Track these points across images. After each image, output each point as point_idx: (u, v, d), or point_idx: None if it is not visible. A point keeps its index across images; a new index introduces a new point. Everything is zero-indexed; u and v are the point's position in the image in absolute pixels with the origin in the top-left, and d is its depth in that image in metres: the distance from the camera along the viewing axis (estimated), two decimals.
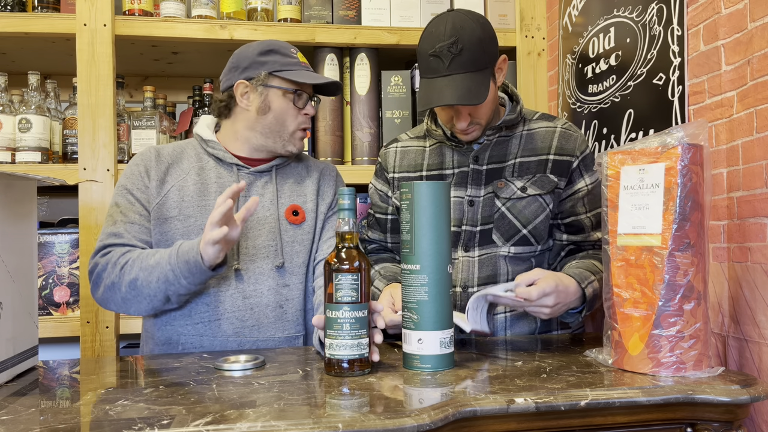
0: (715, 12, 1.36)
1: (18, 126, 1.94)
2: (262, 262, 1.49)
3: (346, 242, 1.18)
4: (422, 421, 0.92)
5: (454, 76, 1.41)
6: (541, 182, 1.52)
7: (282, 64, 1.50)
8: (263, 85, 1.49)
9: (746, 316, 1.29)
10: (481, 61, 1.42)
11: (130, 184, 1.50)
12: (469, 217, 1.53)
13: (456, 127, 1.50)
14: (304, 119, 1.53)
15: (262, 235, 1.50)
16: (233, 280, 1.46)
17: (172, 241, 1.44)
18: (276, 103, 1.50)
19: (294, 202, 1.56)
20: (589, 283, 1.41)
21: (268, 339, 1.46)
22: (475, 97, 1.40)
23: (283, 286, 1.49)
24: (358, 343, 1.14)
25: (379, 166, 1.69)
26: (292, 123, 1.52)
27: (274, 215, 1.52)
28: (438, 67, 1.42)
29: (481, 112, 1.48)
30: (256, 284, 1.47)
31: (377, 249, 1.71)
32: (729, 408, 1.07)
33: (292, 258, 1.51)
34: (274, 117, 1.51)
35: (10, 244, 1.18)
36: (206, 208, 1.48)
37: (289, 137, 1.53)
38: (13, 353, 1.18)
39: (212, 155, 1.54)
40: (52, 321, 1.91)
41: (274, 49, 1.51)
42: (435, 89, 1.42)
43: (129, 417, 0.93)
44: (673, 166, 1.15)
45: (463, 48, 1.40)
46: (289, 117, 1.51)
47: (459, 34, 1.40)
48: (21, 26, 1.90)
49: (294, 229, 1.53)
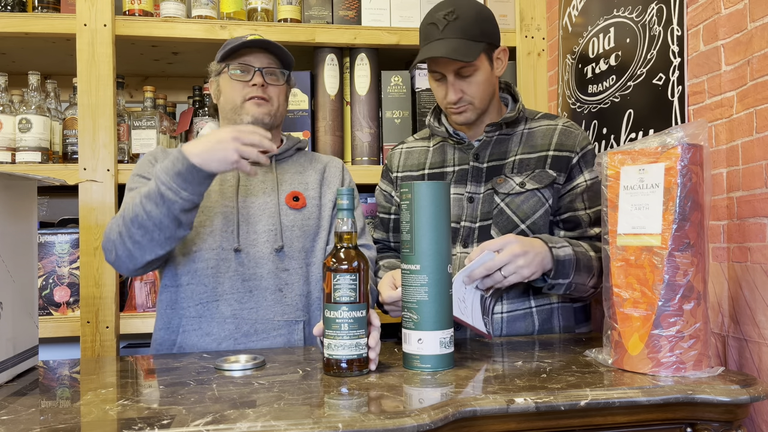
0: (715, 12, 1.36)
1: (18, 126, 1.94)
2: (262, 246, 1.51)
3: (344, 242, 1.18)
4: (422, 421, 0.92)
5: (446, 39, 1.45)
6: (539, 177, 1.52)
7: (224, 49, 1.54)
8: (216, 75, 1.58)
9: (746, 316, 1.29)
10: (475, 31, 1.46)
11: (141, 170, 1.54)
12: (468, 213, 1.54)
13: (447, 100, 1.51)
14: (251, 89, 1.53)
15: (263, 220, 1.52)
16: (233, 263, 1.49)
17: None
18: (223, 84, 1.56)
19: (295, 189, 1.58)
20: (560, 247, 1.39)
21: (267, 321, 1.48)
22: (462, 54, 1.43)
23: (282, 270, 1.51)
24: (356, 344, 1.14)
25: (385, 167, 1.73)
26: (239, 96, 1.53)
27: (275, 201, 1.55)
28: (432, 33, 1.47)
29: (473, 89, 1.50)
30: (256, 267, 1.49)
31: (381, 249, 1.72)
32: (729, 408, 1.07)
33: (291, 242, 1.52)
34: (224, 99, 1.56)
35: (10, 244, 1.18)
36: (207, 193, 1.50)
37: (240, 109, 1.53)
38: (13, 353, 1.18)
39: None
40: (52, 321, 1.91)
41: (227, 41, 1.57)
42: (426, 50, 1.47)
43: (129, 417, 0.93)
44: (672, 166, 1.15)
45: (458, 16, 1.45)
46: (235, 92, 1.53)
47: (456, 5, 1.47)
48: (21, 26, 1.90)
49: (294, 213, 1.55)
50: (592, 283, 1.45)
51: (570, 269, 1.39)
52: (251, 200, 1.54)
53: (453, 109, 1.53)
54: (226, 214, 1.52)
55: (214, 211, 1.52)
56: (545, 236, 1.42)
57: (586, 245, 1.46)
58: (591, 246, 1.48)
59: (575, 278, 1.41)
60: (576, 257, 1.40)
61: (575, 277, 1.41)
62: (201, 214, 1.50)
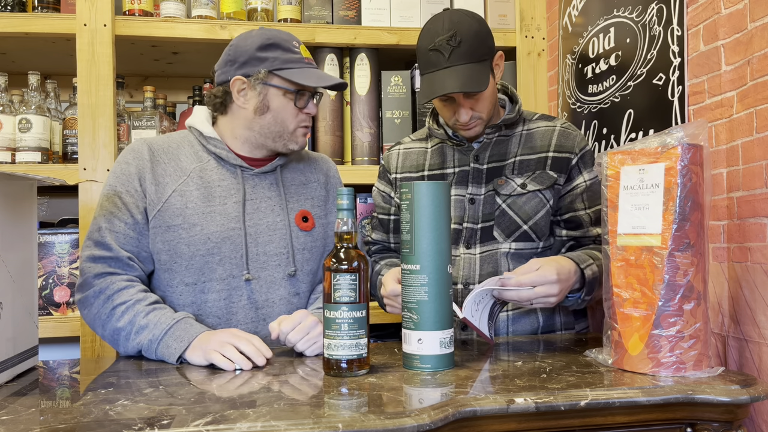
0: (715, 12, 1.36)
1: (18, 126, 1.94)
2: (274, 270, 1.45)
3: (344, 242, 1.18)
4: (422, 421, 0.92)
5: (455, 67, 1.42)
6: (540, 178, 1.52)
7: (283, 62, 1.41)
8: (262, 83, 1.41)
9: (746, 316, 1.29)
10: (480, 52, 1.44)
11: (119, 185, 1.42)
12: (470, 215, 1.54)
13: (458, 121, 1.50)
14: (305, 117, 1.47)
15: (274, 242, 1.46)
16: (245, 290, 1.43)
17: (178, 250, 1.40)
18: (275, 102, 1.43)
19: (302, 206, 1.52)
20: (587, 265, 1.41)
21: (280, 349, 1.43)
22: (477, 84, 1.41)
23: (294, 295, 1.47)
24: (356, 344, 1.14)
25: (382, 168, 1.71)
26: (292, 122, 1.45)
27: (285, 221, 1.48)
28: (438, 61, 1.44)
29: (482, 105, 1.49)
30: (268, 293, 1.44)
31: (380, 250, 1.72)
32: (729, 408, 1.07)
33: (302, 266, 1.48)
34: (273, 117, 1.43)
35: (10, 244, 1.18)
36: (211, 215, 1.42)
37: (290, 136, 1.46)
38: (13, 353, 1.18)
39: (213, 153, 1.48)
40: (52, 321, 1.91)
41: (275, 43, 1.42)
42: (437, 81, 1.43)
43: (129, 417, 0.93)
44: (672, 166, 1.15)
45: (462, 40, 1.42)
46: (289, 116, 1.44)
47: (457, 28, 1.43)
48: (21, 26, 1.90)
49: (305, 235, 1.50)
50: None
51: (595, 286, 1.44)
52: (259, 217, 1.46)
53: (463, 127, 1.52)
54: (233, 239, 1.43)
55: (220, 237, 1.42)
56: (575, 255, 1.43)
57: (597, 253, 1.48)
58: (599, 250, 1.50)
59: (597, 292, 1.45)
60: (599, 271, 1.43)
61: (597, 291, 1.45)
62: (208, 241, 1.41)
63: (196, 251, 1.41)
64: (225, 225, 1.43)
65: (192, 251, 1.41)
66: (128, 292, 1.36)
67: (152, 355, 1.31)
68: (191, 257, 1.41)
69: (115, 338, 1.35)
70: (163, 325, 1.30)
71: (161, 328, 1.30)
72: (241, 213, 1.44)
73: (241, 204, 1.44)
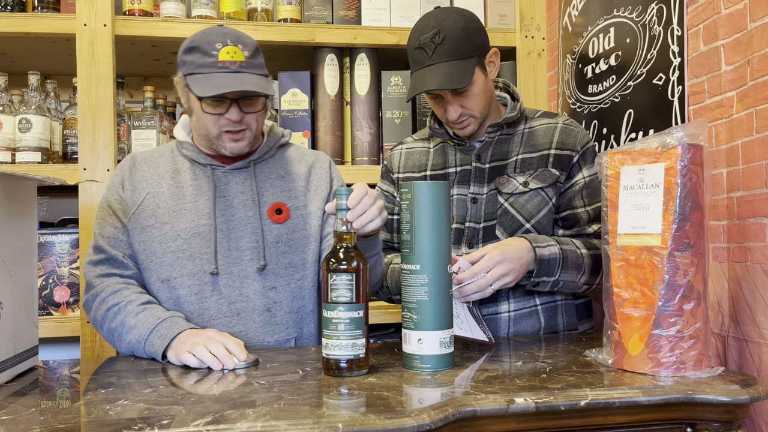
0: (715, 12, 1.36)
1: (18, 126, 1.94)
2: (246, 265, 1.45)
3: (344, 242, 1.18)
4: (422, 421, 0.92)
5: (437, 65, 1.44)
6: (542, 176, 1.52)
7: (196, 66, 1.38)
8: (186, 86, 1.41)
9: (746, 316, 1.29)
10: (464, 49, 1.45)
11: (109, 195, 1.50)
12: (473, 214, 1.54)
13: (448, 119, 1.52)
14: (227, 123, 1.40)
15: (245, 236, 1.46)
16: (214, 285, 1.43)
17: (152, 249, 1.44)
18: (195, 106, 1.42)
19: (277, 199, 1.50)
20: (546, 245, 1.42)
21: (257, 344, 1.44)
22: (456, 81, 1.42)
23: (269, 289, 1.46)
24: (353, 344, 1.14)
25: (385, 168, 1.72)
26: (213, 127, 1.41)
27: (256, 215, 1.47)
28: (422, 58, 1.46)
29: (471, 102, 1.49)
30: (241, 288, 1.44)
31: (384, 249, 1.71)
32: (729, 408, 1.07)
33: (277, 259, 1.47)
34: (196, 120, 1.44)
35: (10, 244, 1.18)
36: (181, 213, 1.45)
37: (217, 141, 1.44)
38: (13, 353, 1.18)
39: (187, 156, 1.50)
40: (52, 321, 1.92)
41: (196, 46, 1.39)
42: (419, 79, 1.46)
43: (129, 417, 0.93)
44: (672, 166, 1.15)
45: (445, 38, 1.44)
46: (209, 121, 1.41)
47: (441, 25, 1.45)
48: (21, 26, 1.90)
49: (278, 228, 1.48)
50: (584, 280, 1.48)
51: (555, 267, 1.43)
52: (231, 213, 1.46)
53: (455, 125, 1.53)
54: (204, 234, 1.44)
55: (190, 233, 1.44)
56: (531, 236, 1.45)
57: (578, 242, 1.48)
58: (584, 243, 1.49)
59: (562, 276, 1.44)
60: (563, 255, 1.43)
61: (562, 275, 1.44)
62: (178, 238, 1.43)
63: (167, 248, 1.44)
64: (195, 221, 1.45)
65: (164, 248, 1.44)
66: (122, 293, 1.40)
67: (143, 354, 1.34)
68: (163, 254, 1.44)
69: (111, 339, 1.40)
70: (149, 324, 1.33)
71: (147, 327, 1.33)
72: (212, 209, 1.46)
73: (211, 201, 1.46)
